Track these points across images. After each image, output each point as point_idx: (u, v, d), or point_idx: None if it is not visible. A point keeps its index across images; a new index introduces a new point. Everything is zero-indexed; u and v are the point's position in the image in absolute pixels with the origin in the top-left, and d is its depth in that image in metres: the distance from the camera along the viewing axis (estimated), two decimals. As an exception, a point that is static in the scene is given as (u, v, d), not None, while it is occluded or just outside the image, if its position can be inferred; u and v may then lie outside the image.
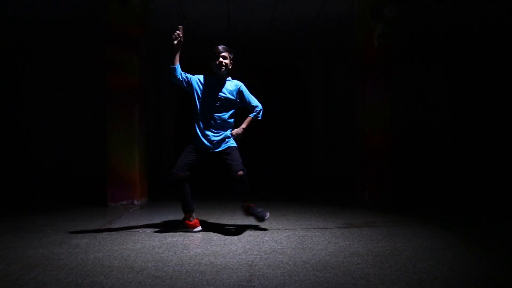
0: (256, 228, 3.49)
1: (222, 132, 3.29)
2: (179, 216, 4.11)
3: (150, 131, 6.33)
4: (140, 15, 4.92)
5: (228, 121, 3.33)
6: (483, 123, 7.83)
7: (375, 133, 5.11)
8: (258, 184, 7.47)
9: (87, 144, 7.99)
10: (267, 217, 3.30)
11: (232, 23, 6.41)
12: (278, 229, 3.45)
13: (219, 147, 3.28)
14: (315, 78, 8.50)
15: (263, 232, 3.34)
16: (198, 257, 2.55)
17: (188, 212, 3.36)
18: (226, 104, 3.29)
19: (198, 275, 2.20)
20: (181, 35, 3.16)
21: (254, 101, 3.40)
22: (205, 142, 3.24)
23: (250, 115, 3.39)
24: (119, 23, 4.84)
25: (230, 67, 3.30)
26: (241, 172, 3.17)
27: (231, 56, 3.32)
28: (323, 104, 8.49)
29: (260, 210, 3.32)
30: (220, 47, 3.25)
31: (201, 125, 3.26)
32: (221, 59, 3.23)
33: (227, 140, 3.31)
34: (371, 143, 5.11)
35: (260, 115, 3.41)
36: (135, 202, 4.82)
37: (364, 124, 5.17)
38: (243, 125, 3.36)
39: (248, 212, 3.37)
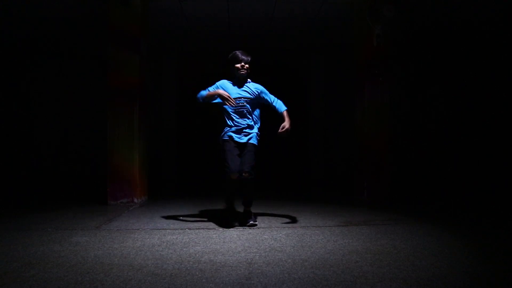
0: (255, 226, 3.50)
1: (249, 131, 3.54)
2: (179, 214, 4.13)
3: (151, 129, 6.34)
4: (140, 14, 4.93)
5: (254, 121, 3.58)
6: (481, 121, 7.84)
7: (374, 132, 5.12)
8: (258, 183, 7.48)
9: (88, 142, 8.00)
10: (255, 224, 3.49)
11: (232, 22, 6.42)
12: (277, 227, 3.47)
13: (245, 141, 3.51)
14: (315, 77, 8.51)
15: (262, 230, 3.35)
16: (197, 255, 2.56)
17: (230, 205, 3.74)
18: (249, 104, 3.52)
19: (197, 273, 2.21)
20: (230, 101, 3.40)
21: (274, 98, 3.67)
22: (236, 139, 3.50)
23: (282, 110, 3.61)
24: (120, 22, 4.85)
25: (249, 70, 3.55)
26: (245, 174, 3.34)
27: (249, 60, 3.55)
28: (322, 103, 8.50)
29: (252, 218, 3.55)
30: (240, 53, 3.50)
31: (231, 126, 3.52)
32: (243, 63, 3.48)
33: (251, 138, 3.53)
34: (370, 142, 5.12)
35: (285, 106, 3.67)
36: (135, 200, 4.84)
37: (363, 122, 5.18)
38: (287, 118, 3.55)
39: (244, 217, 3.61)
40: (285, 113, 3.59)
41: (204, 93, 3.53)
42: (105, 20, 5.04)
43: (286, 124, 3.48)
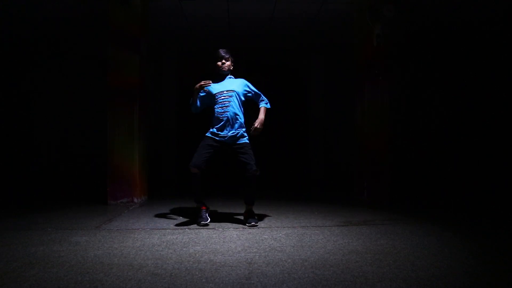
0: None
1: (236, 127, 3.54)
2: (179, 213, 4.14)
3: (151, 129, 6.34)
4: (140, 14, 4.92)
5: (239, 117, 3.58)
6: (481, 121, 7.84)
7: (374, 132, 5.12)
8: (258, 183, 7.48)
9: (88, 142, 8.00)
10: (256, 225, 3.51)
11: (232, 22, 6.42)
12: (277, 227, 3.47)
13: (234, 141, 3.53)
14: (315, 77, 8.51)
15: (262, 230, 3.35)
16: (197, 255, 2.56)
17: (199, 202, 3.66)
18: (231, 100, 3.55)
19: (197, 273, 2.21)
20: (207, 84, 3.51)
21: (259, 93, 3.70)
22: (220, 133, 3.53)
23: (261, 105, 3.65)
24: (120, 22, 4.85)
25: (231, 68, 3.67)
26: (254, 171, 3.44)
27: (232, 59, 3.67)
28: (322, 103, 8.50)
29: (255, 219, 3.59)
30: (221, 51, 3.60)
31: (215, 121, 3.56)
32: (224, 60, 3.59)
33: (242, 136, 3.56)
34: (370, 142, 5.12)
35: (268, 104, 3.69)
36: (135, 200, 4.83)
37: (363, 122, 5.18)
38: (261, 115, 3.57)
39: (246, 216, 3.66)
40: (262, 109, 3.61)
41: (191, 100, 3.64)
42: (105, 20, 5.04)
43: (256, 122, 3.50)
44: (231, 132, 3.52)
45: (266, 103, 3.68)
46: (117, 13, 4.84)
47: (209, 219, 3.58)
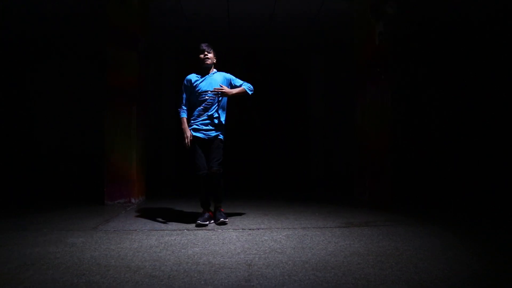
0: (255, 227, 3.46)
1: (215, 124, 3.62)
2: (177, 214, 4.10)
3: (151, 129, 6.30)
4: (139, 12, 4.91)
5: (219, 116, 3.65)
6: (481, 121, 7.82)
7: (375, 131, 5.08)
8: (257, 182, 7.44)
9: (88, 142, 7.96)
10: (225, 222, 3.57)
11: (232, 22, 6.39)
12: (277, 228, 3.43)
13: (210, 136, 3.61)
14: (315, 77, 8.49)
15: (262, 231, 3.31)
16: (196, 257, 2.53)
17: (206, 208, 3.68)
18: (213, 101, 3.62)
19: (196, 275, 2.17)
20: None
21: (242, 82, 3.71)
22: (199, 133, 3.60)
23: (243, 86, 3.66)
24: (119, 21, 4.83)
25: (214, 61, 3.71)
26: (215, 169, 3.51)
27: (214, 53, 3.71)
28: (322, 103, 8.48)
29: (223, 215, 3.63)
30: (203, 45, 3.67)
31: (196, 119, 3.63)
32: (205, 52, 3.63)
33: (218, 134, 3.65)
34: (371, 142, 5.09)
35: (250, 90, 3.69)
36: (133, 200, 4.80)
37: (363, 122, 5.15)
38: (233, 90, 3.61)
39: (213, 213, 3.69)
40: (240, 88, 3.62)
41: (181, 115, 3.74)
42: (104, 20, 5.02)
43: (225, 88, 3.55)
44: (210, 130, 3.59)
45: (249, 88, 3.68)
46: (117, 12, 4.82)
47: (207, 223, 3.54)
